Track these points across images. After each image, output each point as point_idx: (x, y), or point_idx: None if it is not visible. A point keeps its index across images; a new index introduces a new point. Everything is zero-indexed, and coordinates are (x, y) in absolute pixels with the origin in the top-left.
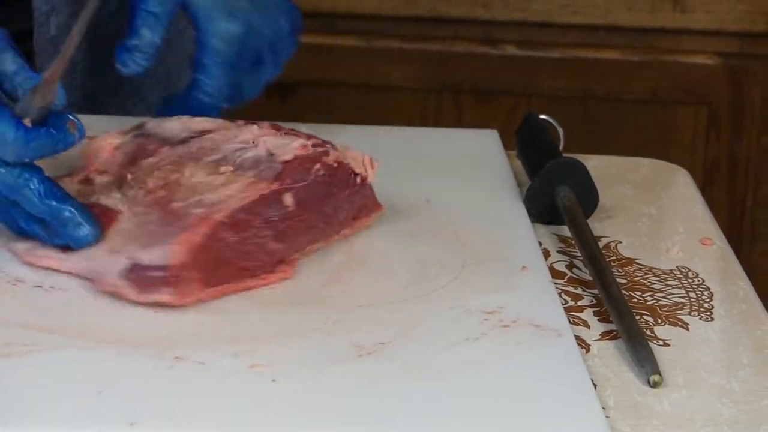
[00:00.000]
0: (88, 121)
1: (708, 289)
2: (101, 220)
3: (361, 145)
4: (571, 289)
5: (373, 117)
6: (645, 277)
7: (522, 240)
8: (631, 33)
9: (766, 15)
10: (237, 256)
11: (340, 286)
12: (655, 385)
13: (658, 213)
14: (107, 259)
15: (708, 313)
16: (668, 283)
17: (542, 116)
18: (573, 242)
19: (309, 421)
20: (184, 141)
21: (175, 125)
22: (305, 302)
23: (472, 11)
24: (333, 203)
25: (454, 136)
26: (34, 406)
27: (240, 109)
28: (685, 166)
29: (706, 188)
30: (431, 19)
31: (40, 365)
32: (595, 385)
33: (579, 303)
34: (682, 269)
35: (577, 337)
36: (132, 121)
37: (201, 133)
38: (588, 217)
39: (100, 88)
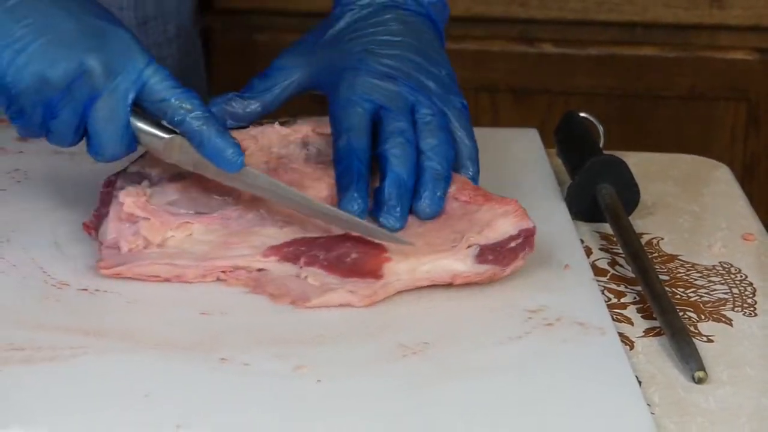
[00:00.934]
0: None
1: (751, 284)
2: None
3: None
4: (613, 286)
5: None
6: (687, 273)
7: (564, 238)
8: (669, 29)
9: None
10: None
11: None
12: (699, 381)
13: (700, 209)
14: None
15: (751, 309)
16: (711, 279)
17: (582, 114)
18: (615, 239)
19: (354, 422)
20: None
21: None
22: (352, 307)
23: (508, 10)
24: None
25: (494, 135)
26: (81, 410)
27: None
28: (726, 161)
29: (746, 184)
30: (468, 19)
31: (87, 369)
32: (639, 382)
33: (622, 300)
34: (724, 265)
35: (621, 335)
36: None
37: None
38: (629, 214)
39: None
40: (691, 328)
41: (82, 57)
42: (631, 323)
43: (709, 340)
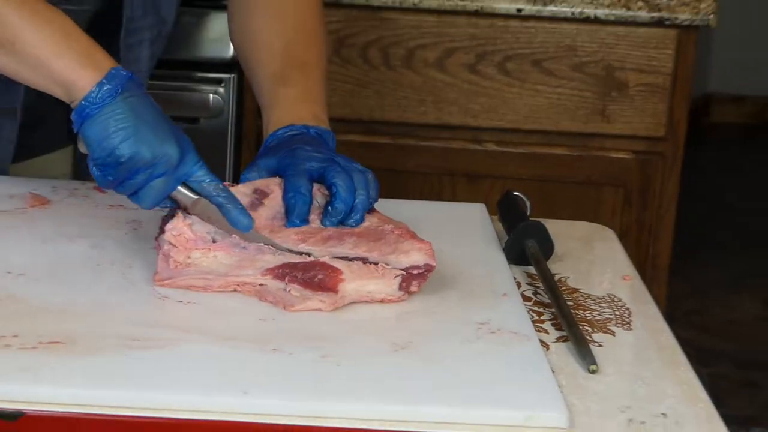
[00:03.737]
0: None
1: (628, 309)
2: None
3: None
4: (535, 308)
5: (397, 193)
6: (585, 301)
7: (502, 276)
8: (573, 136)
9: (663, 125)
10: None
11: (379, 312)
12: (593, 372)
13: (594, 258)
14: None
15: (628, 325)
16: (601, 305)
17: (515, 192)
18: (537, 277)
19: (362, 391)
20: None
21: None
22: (362, 317)
23: (464, 120)
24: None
25: (453, 208)
26: (179, 379)
27: None
28: (609, 227)
29: (622, 243)
30: (437, 126)
31: (180, 353)
32: (553, 371)
33: (541, 317)
34: (610, 295)
35: (541, 340)
36: None
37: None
38: (547, 260)
39: None
40: (588, 337)
41: (166, 146)
42: (548, 333)
43: (600, 345)
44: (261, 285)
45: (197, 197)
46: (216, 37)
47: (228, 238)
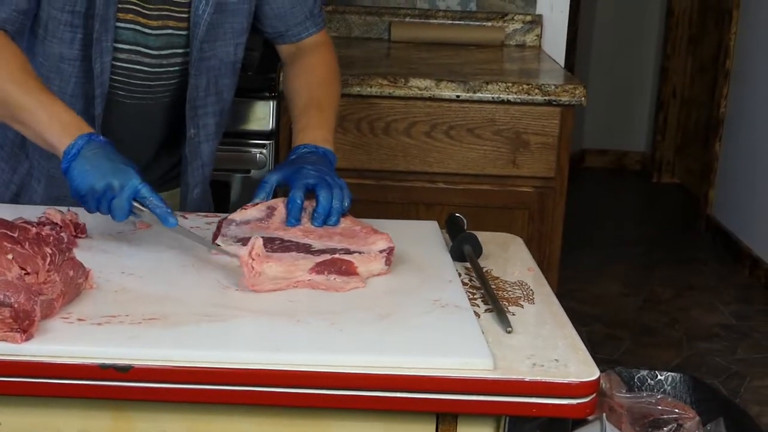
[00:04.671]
0: None
1: (531, 290)
2: None
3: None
4: (471, 291)
5: (380, 216)
6: (503, 284)
7: (447, 269)
8: (495, 177)
9: (554, 169)
10: None
11: (368, 292)
12: (509, 332)
13: (508, 256)
14: None
15: (532, 300)
16: (514, 287)
17: (457, 214)
18: (471, 269)
19: (359, 349)
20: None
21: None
22: (355, 298)
23: (423, 167)
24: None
25: (416, 225)
26: (232, 342)
27: None
28: (520, 236)
29: (528, 247)
30: (405, 172)
31: (236, 325)
32: (483, 332)
33: (474, 296)
34: (520, 281)
35: (474, 312)
36: None
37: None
38: (478, 258)
39: None
40: (506, 309)
41: (110, 179)
42: (479, 306)
43: (513, 314)
44: (309, 280)
45: (143, 209)
46: (261, 117)
47: (270, 252)
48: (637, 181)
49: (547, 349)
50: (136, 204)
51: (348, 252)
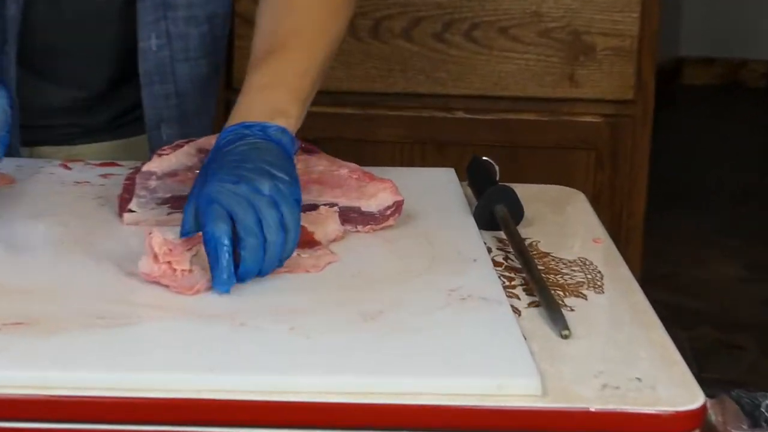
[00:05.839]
0: None
1: (600, 272)
2: None
3: None
4: (507, 273)
5: (366, 162)
6: (557, 265)
7: (472, 241)
8: (541, 101)
9: (631, 88)
10: None
11: (350, 273)
12: (565, 337)
13: (564, 221)
14: None
15: (600, 289)
16: (572, 268)
17: (484, 158)
18: (507, 242)
19: (332, 364)
20: None
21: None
22: (327, 284)
23: (433, 88)
24: None
25: (425, 173)
26: (140, 357)
27: None
28: (581, 191)
29: (594, 206)
30: (406, 94)
31: (144, 331)
32: (525, 338)
33: (512, 283)
34: (581, 259)
35: (512, 306)
36: None
37: None
38: (517, 225)
39: None
40: (560, 302)
41: None
42: (519, 298)
43: (572, 310)
44: None
45: None
46: None
47: None
48: (761, 104)
49: (625, 363)
50: None
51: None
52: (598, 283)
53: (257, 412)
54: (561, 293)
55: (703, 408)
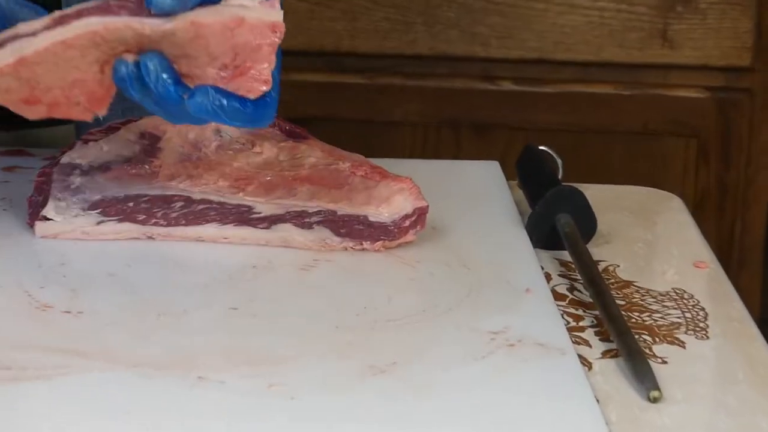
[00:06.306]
0: None
1: (703, 309)
2: None
3: None
4: (572, 310)
5: (375, 151)
6: (642, 298)
7: (525, 264)
8: (622, 68)
9: (749, 50)
10: None
11: (353, 309)
12: (654, 400)
13: (653, 238)
14: None
15: (704, 332)
16: (665, 304)
17: (541, 147)
18: (573, 266)
19: None
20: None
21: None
22: (321, 323)
23: (469, 49)
24: None
25: (458, 168)
26: (62, 427)
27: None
28: (677, 194)
29: (696, 217)
30: (431, 57)
31: (69, 387)
32: (597, 401)
33: (580, 323)
34: (677, 291)
35: (580, 356)
36: None
37: None
38: (587, 242)
39: None
40: (647, 350)
41: None
42: (589, 345)
43: (663, 362)
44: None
45: None
46: None
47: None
48: None
49: None
50: None
51: (332, 219)
52: (701, 324)
53: None
54: (649, 338)
55: None
